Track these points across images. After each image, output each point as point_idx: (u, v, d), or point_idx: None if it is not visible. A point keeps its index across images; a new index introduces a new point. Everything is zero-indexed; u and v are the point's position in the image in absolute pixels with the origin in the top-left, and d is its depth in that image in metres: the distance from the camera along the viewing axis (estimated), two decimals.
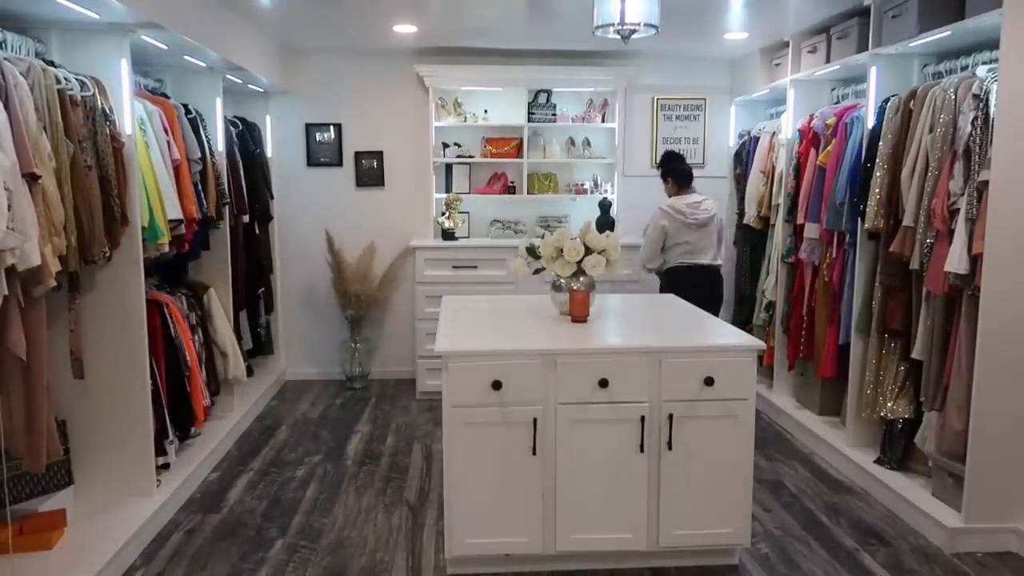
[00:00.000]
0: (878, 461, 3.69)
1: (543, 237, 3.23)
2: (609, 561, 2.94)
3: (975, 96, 3.01)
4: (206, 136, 4.05)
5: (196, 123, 3.94)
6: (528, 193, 5.46)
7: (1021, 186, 2.89)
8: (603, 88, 5.45)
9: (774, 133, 4.90)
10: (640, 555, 2.92)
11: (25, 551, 2.80)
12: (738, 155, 5.48)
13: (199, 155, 3.86)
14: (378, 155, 5.54)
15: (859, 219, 3.71)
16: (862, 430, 3.87)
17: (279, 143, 5.48)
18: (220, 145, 4.28)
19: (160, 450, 3.45)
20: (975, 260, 2.95)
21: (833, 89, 4.54)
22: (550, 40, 4.99)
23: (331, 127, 5.50)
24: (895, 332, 3.55)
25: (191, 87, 4.18)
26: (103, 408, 3.23)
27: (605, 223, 5.22)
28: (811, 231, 4.28)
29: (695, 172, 5.81)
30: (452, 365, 2.73)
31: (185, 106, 3.90)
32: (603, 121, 5.47)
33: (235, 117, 4.89)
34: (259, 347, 5.15)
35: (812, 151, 4.32)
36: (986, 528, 3.08)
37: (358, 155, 5.53)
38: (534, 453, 2.78)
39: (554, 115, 5.41)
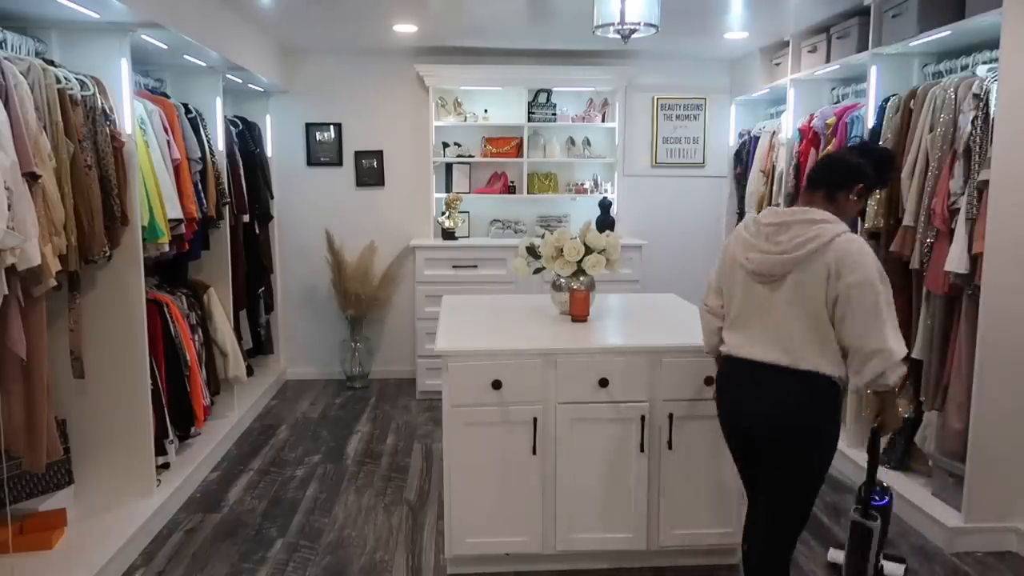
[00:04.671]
0: None
1: (543, 237, 3.23)
2: (609, 561, 2.94)
3: (975, 96, 3.01)
4: (206, 135, 4.05)
5: (196, 123, 3.94)
6: (528, 193, 5.46)
7: (1021, 186, 2.90)
8: (603, 88, 5.45)
9: (774, 132, 4.90)
10: (640, 555, 2.92)
11: (25, 551, 2.80)
12: (738, 154, 5.48)
13: (199, 155, 3.86)
14: (378, 155, 5.54)
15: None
16: (862, 430, 3.86)
17: (279, 143, 5.48)
18: (220, 144, 4.28)
19: (160, 450, 3.45)
20: (975, 259, 2.95)
21: (833, 89, 4.54)
22: (550, 40, 4.99)
23: (331, 127, 5.50)
24: None
25: (191, 87, 4.18)
26: (103, 408, 3.23)
27: (605, 223, 5.22)
28: None
29: (695, 172, 5.82)
30: (452, 365, 2.73)
31: (185, 105, 3.90)
32: (603, 121, 5.47)
33: (235, 117, 4.90)
34: (259, 347, 5.16)
35: (812, 150, 4.31)
36: (986, 528, 3.08)
37: (358, 155, 5.53)
38: (534, 453, 2.78)
39: (554, 115, 5.40)
